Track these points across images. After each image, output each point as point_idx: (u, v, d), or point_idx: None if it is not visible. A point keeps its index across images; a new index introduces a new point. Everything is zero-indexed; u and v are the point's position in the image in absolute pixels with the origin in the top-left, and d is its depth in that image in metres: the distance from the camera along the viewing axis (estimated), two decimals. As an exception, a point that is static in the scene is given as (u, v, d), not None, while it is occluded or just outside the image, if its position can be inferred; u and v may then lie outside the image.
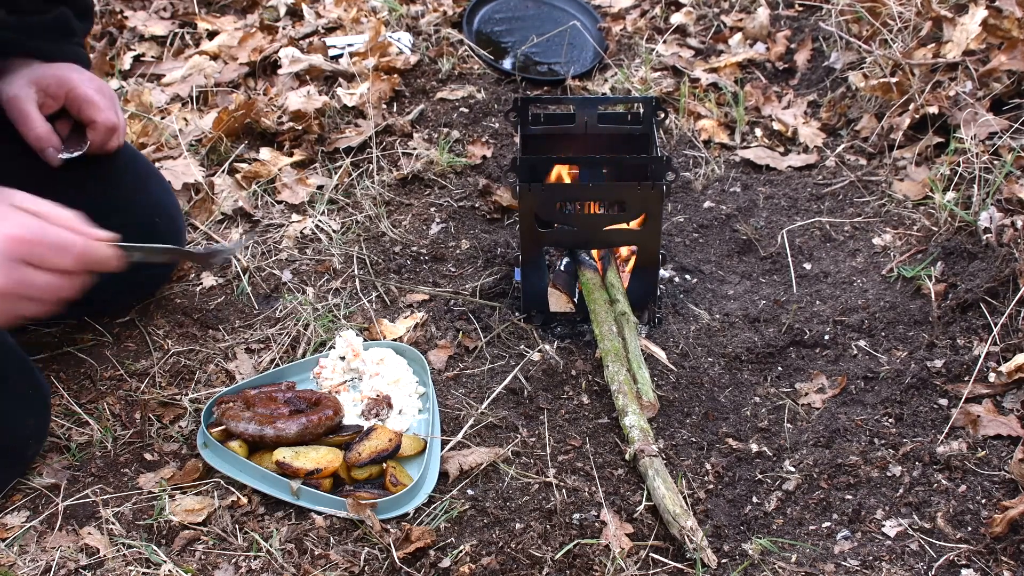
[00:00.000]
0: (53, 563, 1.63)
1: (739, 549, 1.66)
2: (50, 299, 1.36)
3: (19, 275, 1.32)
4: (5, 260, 1.31)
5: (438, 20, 3.41)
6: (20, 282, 1.32)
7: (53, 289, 1.36)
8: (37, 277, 1.34)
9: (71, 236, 1.38)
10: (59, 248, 1.36)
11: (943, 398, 1.92)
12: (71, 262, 1.36)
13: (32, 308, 1.36)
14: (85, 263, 1.38)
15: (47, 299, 1.36)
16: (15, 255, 1.32)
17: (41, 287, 1.35)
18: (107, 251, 1.42)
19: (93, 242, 1.39)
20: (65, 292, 1.37)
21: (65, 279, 1.37)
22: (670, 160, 2.01)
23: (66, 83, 1.87)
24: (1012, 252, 2.08)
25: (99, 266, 1.41)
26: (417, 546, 1.64)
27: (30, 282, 1.33)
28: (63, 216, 1.40)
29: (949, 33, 2.74)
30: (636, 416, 1.85)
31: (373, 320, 2.21)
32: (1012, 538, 1.58)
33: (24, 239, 1.33)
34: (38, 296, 1.35)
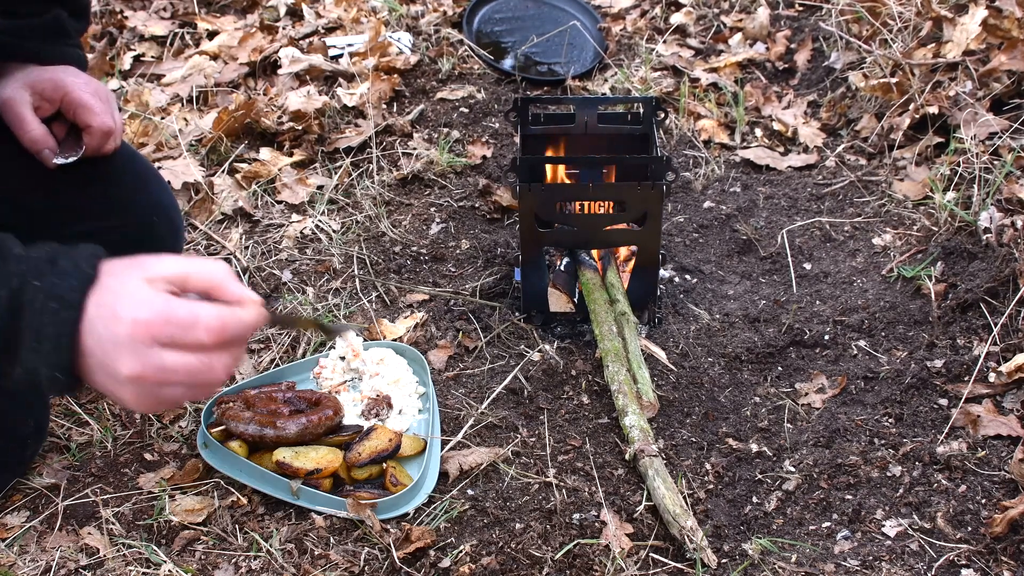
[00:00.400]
0: (53, 563, 1.63)
1: (739, 549, 1.66)
2: (191, 382, 1.20)
3: (151, 359, 1.18)
4: (133, 345, 1.17)
5: (438, 20, 3.41)
6: (153, 366, 1.18)
7: (194, 370, 1.20)
8: (173, 359, 1.18)
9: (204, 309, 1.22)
10: (189, 325, 1.19)
11: (943, 398, 1.92)
12: (205, 337, 1.20)
13: (178, 392, 1.20)
14: (221, 336, 1.21)
15: (188, 383, 1.20)
16: (143, 339, 1.17)
17: (179, 369, 1.19)
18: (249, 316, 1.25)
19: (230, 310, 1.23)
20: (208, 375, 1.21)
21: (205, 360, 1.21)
22: (670, 160, 2.01)
23: (62, 87, 1.87)
24: (1012, 252, 2.08)
25: (240, 335, 1.24)
26: (417, 546, 1.64)
27: (164, 365, 1.18)
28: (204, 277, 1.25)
29: (949, 33, 2.74)
30: (636, 416, 1.85)
31: (373, 320, 2.21)
32: (1012, 538, 1.58)
33: (149, 322, 1.18)
34: (179, 380, 1.19)
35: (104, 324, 1.19)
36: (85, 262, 1.21)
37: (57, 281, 1.18)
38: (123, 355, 1.17)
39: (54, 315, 1.17)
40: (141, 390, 1.19)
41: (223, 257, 2.44)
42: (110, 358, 1.18)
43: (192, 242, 2.48)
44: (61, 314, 1.17)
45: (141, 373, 1.17)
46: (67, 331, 1.17)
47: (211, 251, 2.46)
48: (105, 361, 1.18)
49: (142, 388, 1.19)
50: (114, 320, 1.19)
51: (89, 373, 1.20)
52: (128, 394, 1.19)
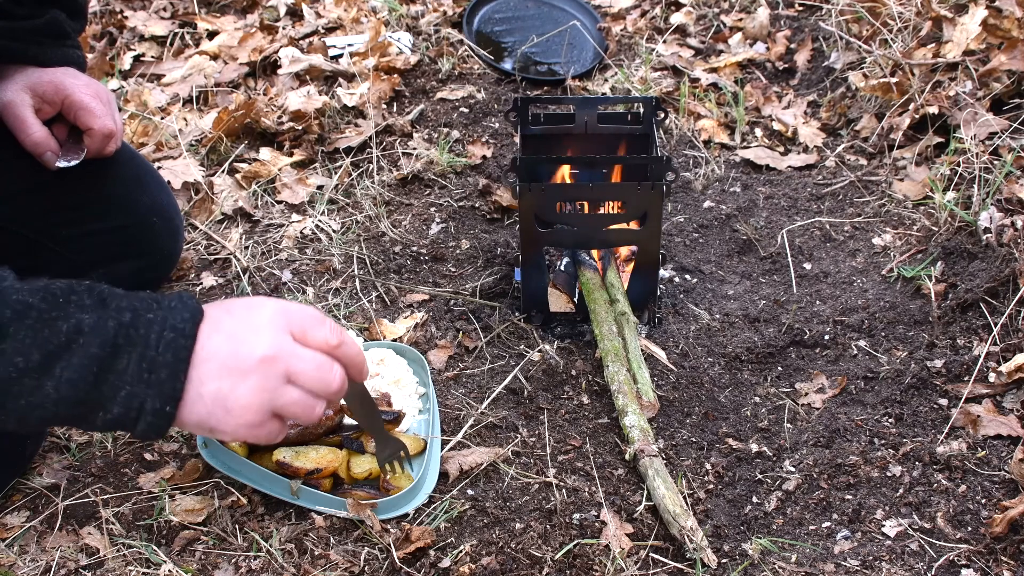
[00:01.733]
0: (53, 563, 1.63)
1: (739, 549, 1.66)
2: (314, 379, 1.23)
3: (285, 341, 1.21)
4: (272, 326, 1.21)
5: (438, 20, 3.41)
6: (287, 349, 1.21)
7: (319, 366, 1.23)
8: (302, 351, 1.23)
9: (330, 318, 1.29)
10: (319, 320, 1.25)
11: (943, 398, 1.92)
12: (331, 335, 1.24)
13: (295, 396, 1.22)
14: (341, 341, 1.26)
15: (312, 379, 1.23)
16: (281, 324, 1.22)
17: (308, 360, 1.22)
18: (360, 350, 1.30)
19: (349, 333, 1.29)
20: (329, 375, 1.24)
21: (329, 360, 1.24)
22: (670, 160, 2.01)
23: (62, 89, 1.87)
24: (1012, 252, 2.08)
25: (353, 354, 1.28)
26: (417, 546, 1.64)
27: (296, 351, 1.22)
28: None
29: (949, 33, 2.74)
30: (636, 416, 1.85)
31: (373, 320, 2.21)
32: (1012, 538, 1.58)
33: (288, 310, 1.24)
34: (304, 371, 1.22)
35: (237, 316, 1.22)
36: (189, 299, 1.23)
37: (168, 315, 1.19)
38: (261, 335, 1.20)
39: (171, 343, 1.17)
40: (265, 380, 1.20)
41: (223, 257, 2.44)
42: (245, 343, 1.19)
43: (192, 242, 2.48)
44: (179, 341, 1.17)
45: (277, 352, 1.20)
46: (184, 357, 1.17)
47: (211, 251, 2.46)
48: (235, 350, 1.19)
49: (268, 377, 1.20)
50: (252, 309, 1.23)
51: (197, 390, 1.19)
52: (247, 389, 1.19)
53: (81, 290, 1.18)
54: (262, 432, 1.24)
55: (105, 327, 1.15)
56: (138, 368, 1.15)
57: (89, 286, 1.20)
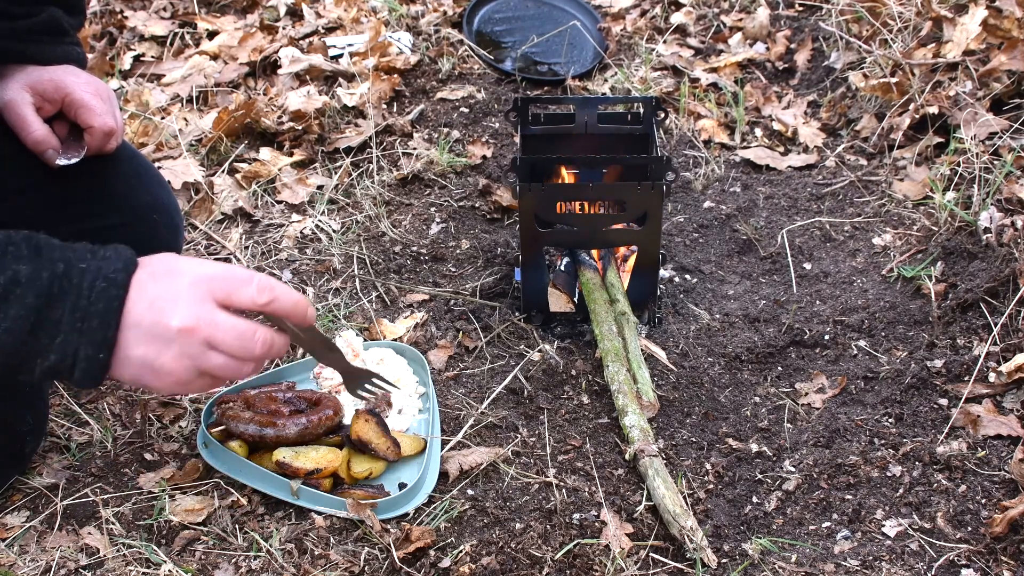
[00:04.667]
0: (53, 563, 1.63)
1: (739, 549, 1.66)
2: (235, 346, 1.24)
3: (205, 311, 1.22)
4: (191, 296, 1.22)
5: (438, 20, 3.41)
6: (206, 319, 1.22)
7: (239, 333, 1.23)
8: (223, 317, 1.23)
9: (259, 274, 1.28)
10: (245, 281, 1.25)
11: (943, 398, 1.92)
12: (258, 295, 1.25)
13: (219, 362, 1.24)
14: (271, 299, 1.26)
15: (233, 346, 1.23)
16: (201, 292, 1.23)
17: (228, 328, 1.23)
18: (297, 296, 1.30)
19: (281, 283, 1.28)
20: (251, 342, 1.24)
21: (252, 326, 1.25)
22: (670, 160, 2.01)
23: (63, 87, 1.87)
24: (1012, 252, 2.08)
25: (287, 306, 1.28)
26: (417, 546, 1.64)
27: (216, 320, 1.22)
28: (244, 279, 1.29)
29: (949, 33, 2.74)
30: (636, 416, 1.85)
31: (373, 320, 2.21)
32: (1012, 538, 1.58)
33: (211, 276, 1.24)
34: (223, 340, 1.23)
35: (159, 282, 1.23)
36: (125, 250, 1.26)
37: (102, 264, 1.23)
38: (179, 305, 1.22)
39: (103, 292, 1.21)
40: (186, 349, 1.22)
41: (223, 257, 2.44)
42: (164, 313, 1.21)
43: (192, 242, 2.48)
44: (110, 291, 1.21)
45: (195, 324, 1.22)
46: (115, 307, 1.21)
47: (211, 251, 2.46)
48: (156, 319, 1.22)
49: (188, 346, 1.22)
50: (173, 275, 1.24)
51: (127, 351, 1.23)
52: (170, 357, 1.22)
53: (19, 240, 1.22)
54: (194, 388, 1.28)
55: (40, 277, 1.19)
56: (72, 317, 1.20)
57: (27, 235, 1.24)
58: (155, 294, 1.22)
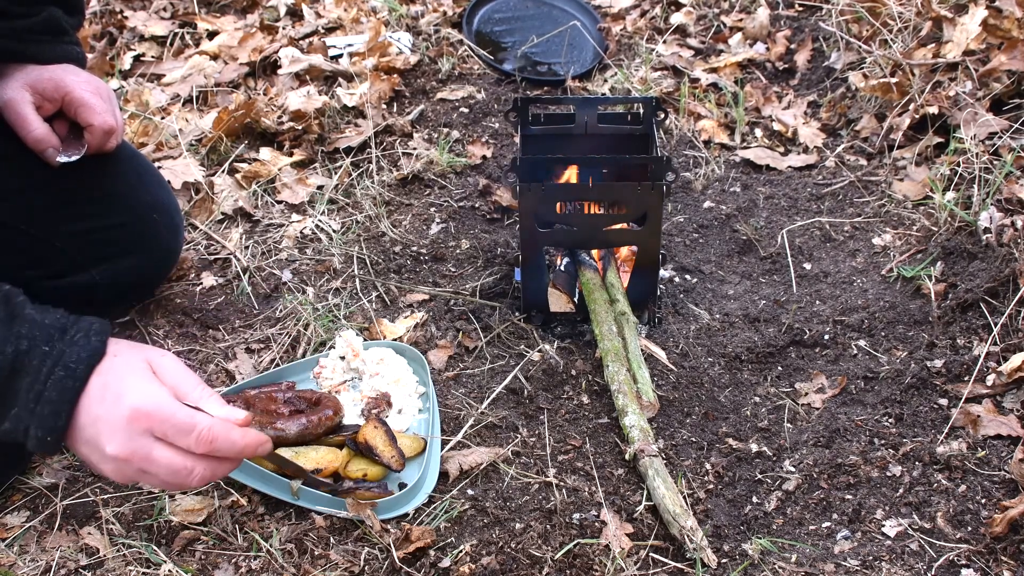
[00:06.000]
0: (53, 563, 1.63)
1: (739, 549, 1.66)
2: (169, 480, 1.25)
3: (139, 446, 1.23)
4: (128, 430, 1.23)
5: (438, 20, 3.41)
6: (140, 455, 1.23)
7: (175, 468, 1.24)
8: (159, 452, 1.24)
9: (203, 419, 1.26)
10: (185, 430, 1.24)
11: (943, 398, 1.92)
12: (195, 446, 1.25)
13: (154, 481, 1.27)
14: (209, 449, 1.26)
15: (166, 479, 1.26)
16: (139, 427, 1.23)
17: (162, 464, 1.24)
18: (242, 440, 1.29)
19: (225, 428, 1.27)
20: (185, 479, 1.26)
21: (188, 463, 1.25)
22: (670, 160, 2.01)
23: (63, 86, 1.87)
24: (1012, 252, 2.08)
25: (227, 453, 1.28)
26: (417, 546, 1.64)
27: (149, 455, 1.24)
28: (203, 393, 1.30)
29: (949, 33, 2.74)
30: (636, 416, 1.85)
31: (373, 320, 2.21)
32: (1012, 538, 1.58)
33: (150, 415, 1.23)
34: (156, 473, 1.25)
35: (104, 404, 1.24)
36: (96, 336, 1.26)
37: (66, 349, 1.23)
38: (115, 436, 1.23)
39: (59, 383, 1.22)
40: (121, 470, 1.26)
41: (223, 257, 2.44)
42: (101, 436, 1.24)
43: (192, 242, 2.48)
44: (66, 383, 1.22)
45: (128, 457, 1.24)
46: (69, 398, 1.23)
47: (211, 251, 2.46)
48: (95, 436, 1.24)
49: (123, 469, 1.26)
50: (116, 402, 1.24)
51: (74, 441, 1.26)
52: (107, 469, 1.27)
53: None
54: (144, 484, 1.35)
55: (3, 352, 1.22)
56: (26, 396, 1.22)
57: (5, 296, 1.26)
58: (97, 414, 1.24)
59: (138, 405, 1.24)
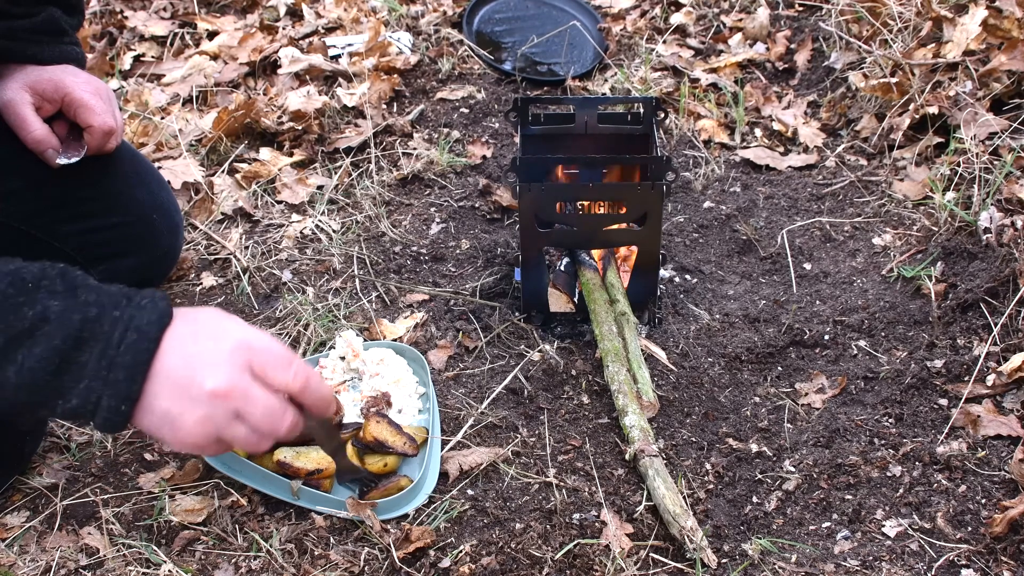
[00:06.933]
0: (53, 563, 1.63)
1: (739, 549, 1.66)
2: (262, 422, 1.22)
3: (240, 379, 1.20)
4: (231, 362, 1.20)
5: (438, 20, 3.41)
6: (241, 388, 1.20)
7: (271, 407, 1.22)
8: (258, 391, 1.21)
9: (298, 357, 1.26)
10: (285, 361, 1.24)
11: (943, 398, 1.92)
12: (292, 380, 1.23)
13: (240, 433, 1.22)
14: (305, 387, 1.25)
15: (259, 421, 1.22)
16: (241, 360, 1.21)
17: (259, 403, 1.21)
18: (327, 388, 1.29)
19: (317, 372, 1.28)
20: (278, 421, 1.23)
21: (282, 405, 1.23)
22: (670, 160, 2.01)
23: (62, 87, 1.87)
24: (1012, 252, 2.08)
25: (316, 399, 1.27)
26: (417, 546, 1.64)
27: (248, 391, 1.20)
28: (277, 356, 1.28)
29: (949, 33, 2.74)
30: (636, 416, 1.85)
31: (373, 320, 2.21)
32: (1012, 538, 1.58)
33: (253, 346, 1.22)
34: (252, 413, 1.21)
35: (199, 343, 1.20)
36: (162, 300, 1.22)
37: (136, 313, 1.19)
38: (218, 369, 1.19)
39: (132, 345, 1.17)
40: (213, 413, 1.19)
41: (223, 257, 2.44)
42: (199, 373, 1.18)
43: (192, 242, 2.48)
44: (140, 344, 1.18)
45: (229, 391, 1.19)
46: (144, 360, 1.18)
47: (211, 251, 2.46)
48: (189, 377, 1.18)
49: (216, 411, 1.19)
50: (216, 337, 1.21)
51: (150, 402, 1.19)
52: (195, 418, 1.19)
53: (53, 275, 1.19)
54: (207, 451, 1.27)
55: (70, 320, 1.16)
56: (98, 365, 1.16)
57: (63, 271, 1.21)
58: (194, 352, 1.19)
59: (241, 337, 1.22)
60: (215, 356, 1.20)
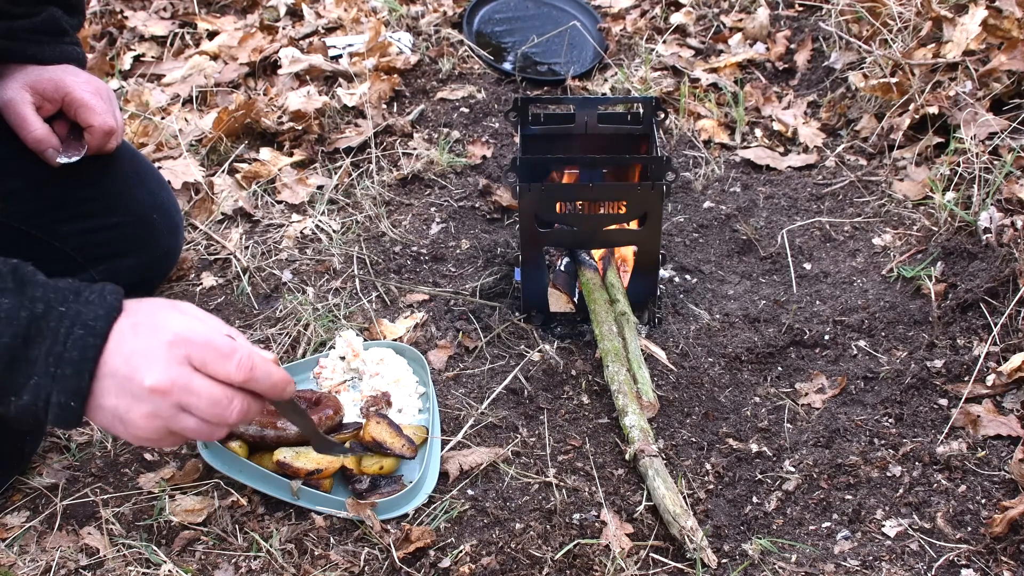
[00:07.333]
0: (53, 563, 1.63)
1: (739, 549, 1.66)
2: (209, 413, 1.21)
3: (179, 374, 1.19)
4: (168, 357, 1.19)
5: (438, 20, 3.41)
6: (180, 383, 1.19)
7: (216, 397, 1.21)
8: (199, 381, 1.20)
9: (242, 345, 1.24)
10: (226, 353, 1.22)
11: (943, 398, 1.92)
12: (235, 371, 1.22)
13: (190, 424, 1.21)
14: (248, 376, 1.23)
15: (206, 412, 1.21)
16: (179, 355, 1.19)
17: (202, 394, 1.20)
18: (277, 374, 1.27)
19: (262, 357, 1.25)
20: (225, 410, 1.22)
21: (228, 393, 1.22)
22: (670, 160, 2.01)
23: (63, 87, 1.87)
24: (1012, 252, 2.08)
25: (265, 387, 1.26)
26: (417, 546, 1.64)
27: (189, 385, 1.19)
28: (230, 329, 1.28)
29: (949, 33, 2.74)
30: (636, 416, 1.85)
31: (373, 320, 2.21)
32: (1012, 538, 1.58)
33: (190, 340, 1.20)
34: (196, 405, 1.20)
35: (139, 338, 1.19)
36: (111, 295, 1.22)
37: (82, 309, 1.19)
38: (155, 364, 1.18)
39: (79, 341, 1.17)
40: (157, 409, 1.19)
41: (223, 257, 2.44)
42: (138, 370, 1.18)
43: (192, 242, 2.48)
44: (87, 339, 1.17)
45: (168, 387, 1.18)
46: (91, 356, 1.18)
47: (211, 251, 2.46)
48: (130, 375, 1.18)
49: (159, 407, 1.19)
50: (152, 332, 1.20)
51: (99, 400, 1.20)
52: (140, 414, 1.19)
53: (5, 272, 1.19)
54: (163, 444, 1.26)
55: (18, 317, 1.16)
56: (46, 361, 1.17)
57: (14, 267, 1.21)
58: (132, 348, 1.19)
59: (178, 330, 1.20)
60: (153, 351, 1.19)
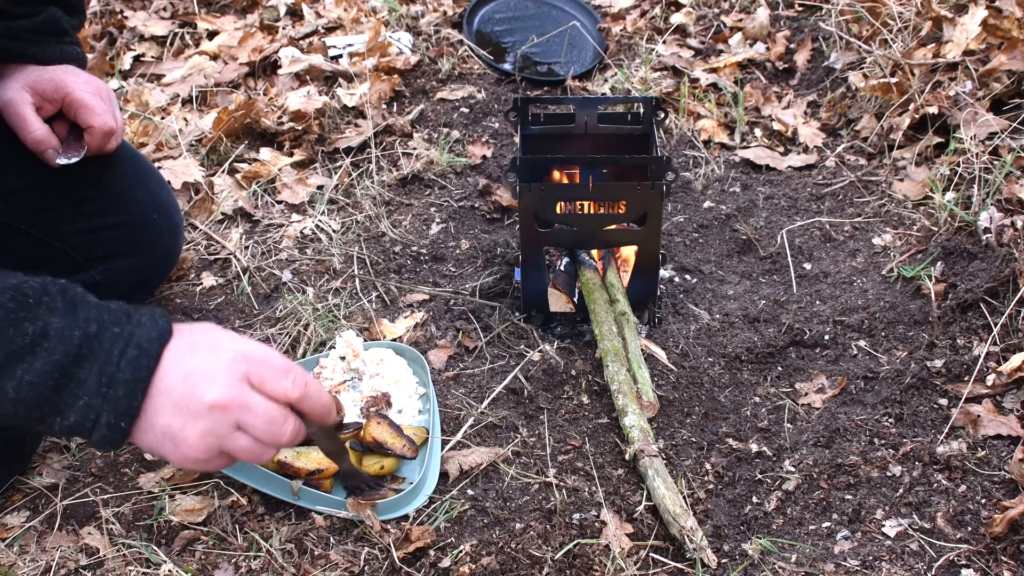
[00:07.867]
0: (53, 563, 1.63)
1: (739, 549, 1.66)
2: (263, 431, 1.23)
3: (239, 391, 1.21)
4: (228, 373, 1.21)
5: (438, 20, 3.41)
6: (239, 400, 1.20)
7: (273, 415, 1.23)
8: (257, 399, 1.22)
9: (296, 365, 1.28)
10: (283, 371, 1.25)
11: (943, 398, 1.92)
12: (291, 388, 1.25)
13: (243, 444, 1.23)
14: (304, 395, 1.26)
15: (261, 431, 1.22)
16: (239, 371, 1.22)
17: (259, 412, 1.22)
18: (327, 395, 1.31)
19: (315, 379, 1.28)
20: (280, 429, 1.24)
21: (283, 413, 1.24)
22: (670, 160, 2.01)
23: (63, 87, 1.87)
24: (1012, 252, 2.08)
25: (316, 406, 1.29)
26: (417, 546, 1.64)
27: (248, 402, 1.21)
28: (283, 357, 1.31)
29: (949, 33, 2.74)
30: (636, 416, 1.85)
31: (373, 320, 2.21)
32: (1012, 538, 1.58)
33: (250, 356, 1.23)
34: (253, 423, 1.22)
35: (197, 356, 1.21)
36: (161, 317, 1.23)
37: (135, 330, 1.20)
38: (216, 381, 1.20)
39: (133, 362, 1.18)
40: (214, 426, 1.20)
41: (223, 257, 2.44)
42: (198, 387, 1.19)
43: (192, 242, 2.48)
44: (141, 361, 1.18)
45: (228, 403, 1.20)
46: (144, 376, 1.18)
47: (211, 251, 2.46)
48: (189, 392, 1.19)
49: (217, 424, 1.20)
50: (212, 350, 1.22)
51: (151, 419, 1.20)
52: (196, 432, 1.20)
53: (54, 291, 1.19)
54: (209, 466, 1.27)
55: (71, 336, 1.16)
56: (97, 381, 1.17)
57: (63, 287, 1.21)
58: (192, 366, 1.20)
59: (238, 348, 1.23)
60: (213, 369, 1.21)
